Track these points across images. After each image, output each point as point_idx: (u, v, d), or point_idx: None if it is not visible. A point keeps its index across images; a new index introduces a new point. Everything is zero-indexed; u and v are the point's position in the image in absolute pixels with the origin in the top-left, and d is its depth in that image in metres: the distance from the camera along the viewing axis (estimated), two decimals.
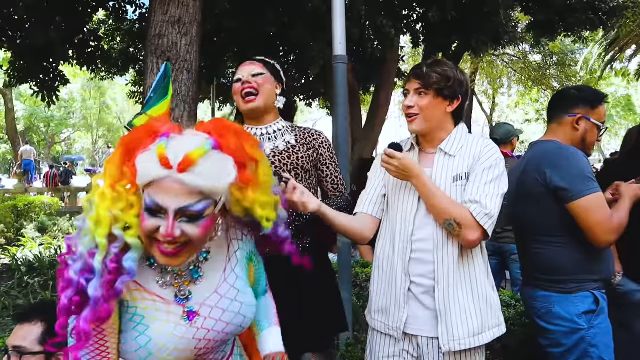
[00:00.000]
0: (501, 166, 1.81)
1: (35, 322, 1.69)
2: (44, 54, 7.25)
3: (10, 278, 6.43)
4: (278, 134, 2.16)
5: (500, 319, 1.89)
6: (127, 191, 1.16)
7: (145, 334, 1.21)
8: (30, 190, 14.43)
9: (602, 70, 18.38)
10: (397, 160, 1.79)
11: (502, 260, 4.43)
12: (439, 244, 1.81)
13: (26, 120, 29.48)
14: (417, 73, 1.87)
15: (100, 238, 1.13)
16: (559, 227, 2.12)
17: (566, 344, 2.09)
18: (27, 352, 1.63)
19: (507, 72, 19.98)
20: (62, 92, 9.12)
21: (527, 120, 24.63)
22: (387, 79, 9.32)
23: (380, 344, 1.93)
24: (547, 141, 2.26)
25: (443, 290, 1.79)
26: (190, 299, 1.27)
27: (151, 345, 1.21)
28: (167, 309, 1.24)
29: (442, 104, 1.85)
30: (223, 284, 1.32)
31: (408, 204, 1.88)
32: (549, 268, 2.16)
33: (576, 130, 2.21)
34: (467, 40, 8.08)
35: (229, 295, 1.31)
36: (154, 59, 3.96)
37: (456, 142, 1.88)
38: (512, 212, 2.39)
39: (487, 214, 1.73)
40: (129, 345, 1.22)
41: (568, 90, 2.37)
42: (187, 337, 1.24)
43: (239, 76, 2.13)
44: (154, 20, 4.02)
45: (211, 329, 1.27)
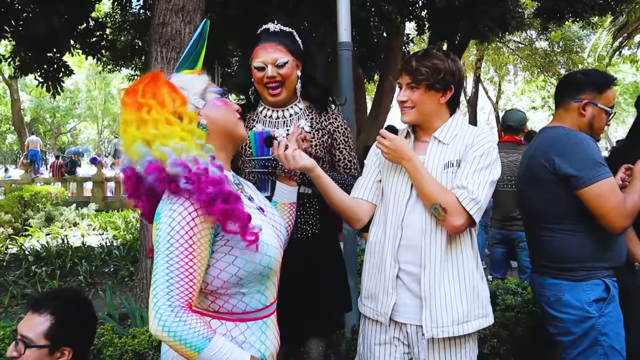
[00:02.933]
0: (494, 154, 1.80)
1: (44, 314, 1.70)
2: (47, 44, 7.22)
3: (18, 267, 6.50)
4: (294, 117, 2.12)
5: (488, 310, 1.88)
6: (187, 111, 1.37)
7: (263, 240, 1.36)
8: (37, 181, 14.51)
9: (610, 56, 18.16)
10: (389, 140, 1.82)
11: (510, 249, 4.42)
12: (427, 231, 1.80)
13: (32, 111, 29.56)
14: (406, 68, 1.86)
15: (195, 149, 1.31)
16: (569, 214, 2.10)
17: (576, 332, 2.07)
18: (33, 345, 1.66)
19: (513, 59, 19.79)
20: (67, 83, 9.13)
21: (533, 107, 24.46)
22: (393, 67, 9.24)
23: (371, 331, 1.94)
24: (555, 127, 2.22)
25: (429, 276, 1.78)
26: (252, 198, 1.53)
27: (270, 251, 1.38)
28: (256, 212, 1.46)
29: (435, 96, 1.86)
30: (254, 190, 1.62)
31: (401, 190, 1.89)
32: (559, 256, 2.13)
33: (583, 116, 2.18)
34: (474, 25, 7.98)
35: (261, 199, 1.60)
36: (158, 47, 3.93)
37: (450, 131, 1.88)
38: (520, 200, 2.37)
39: (473, 199, 1.72)
40: (255, 257, 1.34)
41: (575, 75, 2.31)
42: (279, 238, 1.48)
43: (260, 63, 2.02)
44: (158, 9, 3.99)
45: (276, 224, 1.52)
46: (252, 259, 1.34)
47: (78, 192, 14.46)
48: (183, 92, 1.41)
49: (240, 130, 1.51)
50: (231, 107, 1.50)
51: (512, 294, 3.21)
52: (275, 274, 1.47)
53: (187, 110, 1.37)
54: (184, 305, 1.24)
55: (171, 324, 1.21)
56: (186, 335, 1.21)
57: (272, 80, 2.01)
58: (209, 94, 1.47)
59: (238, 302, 1.38)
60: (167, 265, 1.24)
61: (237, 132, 1.50)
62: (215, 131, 1.44)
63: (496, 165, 1.80)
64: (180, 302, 1.23)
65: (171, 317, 1.21)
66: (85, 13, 7.71)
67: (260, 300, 1.42)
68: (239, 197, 1.31)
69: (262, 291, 1.43)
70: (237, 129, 1.50)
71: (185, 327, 1.21)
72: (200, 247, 1.27)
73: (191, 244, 1.25)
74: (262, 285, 1.42)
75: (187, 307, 1.25)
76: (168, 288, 1.23)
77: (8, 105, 24.69)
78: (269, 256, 1.37)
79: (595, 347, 2.04)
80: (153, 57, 3.96)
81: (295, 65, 2.06)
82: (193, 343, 1.21)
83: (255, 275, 1.37)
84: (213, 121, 1.44)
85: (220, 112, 1.46)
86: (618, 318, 2.08)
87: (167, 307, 1.22)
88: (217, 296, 1.38)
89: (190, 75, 1.50)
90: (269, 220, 1.49)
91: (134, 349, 2.60)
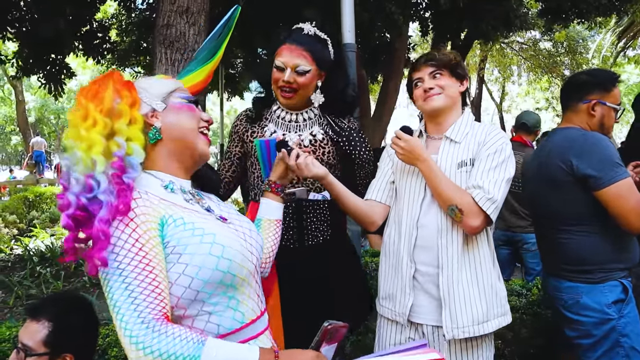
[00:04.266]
0: (507, 151, 1.80)
1: (42, 321, 1.66)
2: (50, 45, 7.25)
3: (23, 268, 6.52)
4: (308, 122, 2.07)
5: (506, 308, 1.88)
6: (130, 109, 1.24)
7: (217, 242, 1.19)
8: (42, 182, 14.55)
9: (614, 57, 18.10)
10: (404, 141, 1.82)
11: (514, 250, 4.41)
12: (443, 231, 1.80)
13: (37, 111, 29.69)
14: (428, 57, 1.93)
15: (96, 155, 1.14)
16: (586, 216, 2.08)
17: (597, 335, 2.05)
18: (33, 353, 1.63)
19: (517, 60, 19.74)
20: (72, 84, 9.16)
21: (537, 108, 24.39)
22: (396, 68, 9.24)
23: (387, 331, 1.94)
24: (569, 128, 2.20)
25: (447, 277, 1.78)
26: (213, 210, 1.35)
27: (228, 253, 1.19)
28: (211, 219, 1.29)
29: (456, 84, 1.92)
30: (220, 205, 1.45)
31: (415, 190, 1.89)
32: (576, 258, 2.11)
33: (593, 116, 2.17)
34: (477, 25, 7.96)
35: (232, 211, 1.43)
36: (162, 49, 3.94)
37: (462, 129, 1.89)
38: (532, 202, 2.34)
39: (489, 198, 1.72)
40: (208, 261, 1.16)
41: (579, 76, 2.30)
42: (244, 245, 1.29)
43: (281, 64, 1.94)
44: (162, 10, 4.00)
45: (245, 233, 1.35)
46: (206, 263, 1.15)
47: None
48: (142, 92, 1.31)
49: (199, 143, 1.34)
50: (194, 113, 1.35)
51: (517, 295, 3.20)
52: (246, 283, 1.27)
53: (130, 110, 1.24)
54: (159, 317, 1.07)
55: (151, 341, 1.03)
56: (173, 347, 1.03)
57: (287, 85, 1.96)
58: (173, 97, 1.35)
59: (206, 325, 1.18)
60: (122, 279, 1.08)
61: (194, 146, 1.33)
62: (169, 137, 1.31)
63: (511, 162, 1.80)
64: (154, 315, 1.07)
65: (148, 333, 1.04)
66: (88, 15, 7.74)
67: (234, 317, 1.22)
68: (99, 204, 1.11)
69: (233, 306, 1.22)
70: (196, 142, 1.34)
71: (169, 339, 1.04)
72: (151, 243, 1.13)
73: (140, 247, 1.11)
74: (232, 300, 1.22)
75: (164, 318, 1.08)
76: (133, 304, 1.06)
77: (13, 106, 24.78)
78: (227, 259, 1.18)
79: (616, 349, 2.02)
80: (157, 59, 3.97)
81: (317, 75, 1.99)
82: (185, 353, 1.04)
83: (216, 285, 1.17)
84: (168, 125, 1.31)
85: (180, 117, 1.32)
86: (636, 319, 2.07)
87: (139, 324, 1.04)
88: (179, 320, 1.17)
89: (158, 79, 1.40)
90: (230, 228, 1.32)
91: None
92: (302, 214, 2.00)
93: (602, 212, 2.01)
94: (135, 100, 1.27)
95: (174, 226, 1.17)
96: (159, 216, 1.17)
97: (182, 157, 1.34)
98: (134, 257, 1.10)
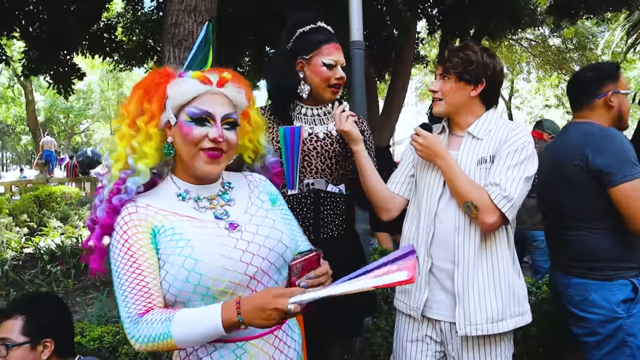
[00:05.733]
0: (529, 150, 1.77)
1: (16, 316, 1.80)
2: (57, 44, 7.27)
3: (34, 267, 6.58)
4: (329, 116, 2.10)
5: (525, 308, 1.86)
6: (146, 125, 1.33)
7: (192, 256, 1.24)
8: (51, 181, 14.68)
9: (624, 53, 17.94)
10: (423, 138, 1.84)
11: (522, 248, 4.39)
12: (460, 228, 1.80)
13: (46, 111, 29.94)
14: (440, 58, 1.91)
15: (115, 171, 1.31)
16: (599, 213, 2.05)
17: (603, 333, 2.03)
18: (14, 344, 1.76)
19: (526, 57, 19.62)
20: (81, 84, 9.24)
21: (546, 105, 24.25)
22: (404, 66, 9.22)
23: (404, 328, 1.94)
24: (585, 123, 2.18)
25: (462, 273, 1.78)
26: (228, 216, 1.38)
27: (200, 267, 1.23)
28: (209, 229, 1.32)
29: (465, 88, 1.86)
30: (251, 205, 1.45)
31: (433, 186, 1.89)
32: (587, 254, 2.09)
33: (611, 107, 2.17)
34: (485, 22, 7.92)
35: (259, 213, 1.43)
36: (171, 47, 3.96)
37: (485, 126, 1.87)
38: (544, 197, 2.32)
39: (505, 196, 1.70)
40: (180, 274, 1.24)
41: (584, 74, 2.28)
42: (234, 257, 1.28)
43: (333, 61, 1.96)
44: (170, 9, 4.01)
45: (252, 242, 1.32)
46: (178, 275, 1.23)
47: (92, 192, 14.61)
48: (167, 101, 1.35)
49: (196, 164, 1.34)
50: (190, 138, 1.32)
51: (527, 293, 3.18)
52: (228, 294, 1.27)
53: (146, 127, 1.32)
54: (142, 311, 1.24)
55: (135, 332, 1.22)
56: (149, 330, 1.20)
57: (341, 81, 1.99)
58: (183, 114, 1.33)
59: None
60: (118, 281, 1.27)
61: (193, 166, 1.35)
62: (177, 153, 1.37)
63: (532, 161, 1.77)
64: (138, 311, 1.24)
65: (133, 327, 1.23)
66: (96, 14, 7.77)
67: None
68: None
69: None
70: (193, 163, 1.34)
71: (146, 326, 1.21)
72: (142, 250, 1.27)
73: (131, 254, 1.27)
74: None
75: (146, 310, 1.25)
76: (124, 302, 1.25)
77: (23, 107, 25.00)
78: (198, 274, 1.22)
79: (622, 348, 2.00)
80: (166, 58, 3.99)
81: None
82: (158, 332, 1.19)
83: (190, 293, 1.24)
84: (175, 143, 1.36)
85: (179, 140, 1.34)
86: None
87: (128, 322, 1.24)
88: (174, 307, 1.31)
89: (189, 81, 1.36)
90: (230, 237, 1.31)
91: None
92: (320, 205, 2.00)
93: (615, 209, 1.99)
94: (153, 115, 1.35)
95: (164, 236, 1.29)
96: (151, 226, 1.30)
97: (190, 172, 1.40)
98: (125, 262, 1.27)
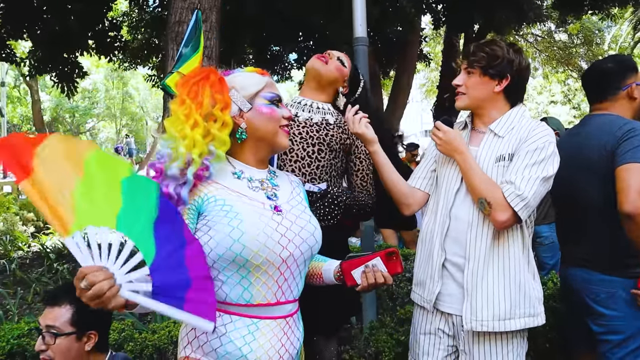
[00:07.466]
0: (549, 149, 1.74)
1: (64, 305, 1.81)
2: (63, 44, 7.31)
3: (41, 265, 6.61)
4: (320, 110, 2.12)
5: (538, 310, 1.82)
6: (222, 113, 1.41)
7: (239, 227, 1.33)
8: None
9: (632, 48, 17.80)
10: (443, 132, 1.86)
11: None
12: (474, 224, 1.80)
13: (52, 111, 30.03)
14: (466, 52, 1.92)
15: (195, 156, 1.36)
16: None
17: (627, 332, 2.00)
18: (62, 333, 1.77)
19: (532, 52, 19.50)
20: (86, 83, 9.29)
21: (552, 101, 24.11)
22: (409, 63, 9.19)
23: (419, 320, 1.96)
24: (606, 114, 2.17)
25: (472, 269, 1.78)
26: (277, 198, 1.50)
27: (245, 239, 1.32)
28: (256, 207, 1.41)
29: (490, 83, 1.86)
30: (292, 198, 1.55)
31: (451, 181, 1.90)
32: (614, 249, 2.03)
33: (634, 99, 2.16)
34: (490, 17, 7.87)
35: (299, 207, 1.54)
36: (174, 46, 3.97)
37: (507, 123, 1.86)
38: (559, 190, 2.18)
39: (519, 195, 1.69)
40: (225, 241, 1.32)
41: (604, 66, 2.24)
42: (274, 238, 1.38)
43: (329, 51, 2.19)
44: (174, 7, 4.03)
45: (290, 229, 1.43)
46: (223, 242, 1.32)
47: None
48: (232, 92, 1.47)
49: (280, 140, 1.52)
50: (275, 117, 1.50)
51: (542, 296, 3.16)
52: (262, 270, 1.37)
53: (223, 115, 1.41)
54: None
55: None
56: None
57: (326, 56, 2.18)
58: (259, 98, 1.50)
59: (218, 290, 1.36)
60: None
61: (275, 142, 1.52)
62: (253, 136, 1.49)
63: (552, 161, 1.75)
64: None
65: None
66: (100, 13, 7.80)
67: (242, 295, 1.37)
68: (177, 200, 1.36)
69: (244, 285, 1.37)
70: (276, 139, 1.51)
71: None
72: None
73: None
74: (244, 279, 1.36)
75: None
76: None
77: (29, 106, 25.12)
78: (241, 244, 1.32)
79: None
80: (170, 56, 4.00)
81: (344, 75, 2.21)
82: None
83: (229, 261, 1.33)
84: (252, 127, 1.48)
85: (262, 121, 1.48)
86: None
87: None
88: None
89: (249, 75, 1.54)
90: (274, 219, 1.42)
91: (154, 344, 2.63)
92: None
93: None
94: (227, 104, 1.43)
95: (215, 205, 1.37)
96: (202, 195, 1.39)
97: (260, 150, 1.53)
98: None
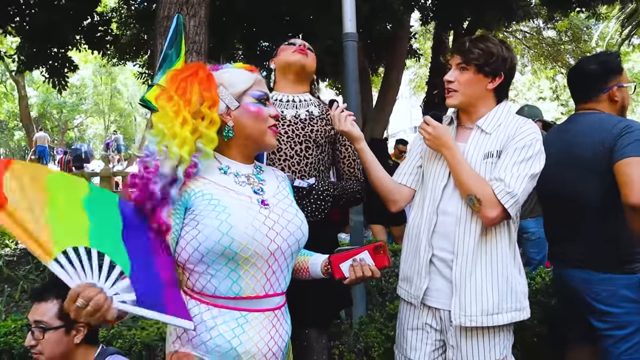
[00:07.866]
0: (536, 147, 1.76)
1: (51, 299, 1.81)
2: (51, 39, 7.24)
3: (28, 263, 6.54)
4: (303, 103, 2.13)
5: (524, 304, 1.86)
6: (210, 111, 1.41)
7: (227, 221, 1.34)
8: None
9: (619, 45, 17.94)
10: (433, 127, 1.85)
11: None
12: (462, 219, 1.81)
13: (39, 107, 29.68)
14: (459, 48, 1.88)
15: (185, 154, 1.36)
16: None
17: (632, 326, 2.02)
18: (50, 327, 1.77)
19: (520, 49, 19.59)
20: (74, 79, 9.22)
21: (540, 98, 24.25)
22: (398, 59, 9.20)
23: (406, 315, 1.97)
24: (595, 113, 2.18)
25: (460, 265, 1.79)
26: (264, 192, 1.50)
27: (233, 232, 1.34)
28: (244, 201, 1.42)
29: (483, 81, 1.86)
30: (279, 192, 1.56)
31: (439, 176, 1.90)
32: (614, 247, 2.04)
33: (615, 101, 2.18)
34: (479, 15, 7.89)
35: (285, 201, 1.55)
36: (163, 41, 3.92)
37: (494, 120, 1.87)
38: (552, 187, 2.23)
39: (508, 192, 1.71)
40: (213, 234, 1.33)
41: (588, 67, 2.24)
42: (262, 231, 1.39)
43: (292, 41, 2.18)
44: (163, 2, 4.00)
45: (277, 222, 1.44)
46: (212, 236, 1.33)
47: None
48: (220, 89, 1.47)
49: (267, 139, 1.53)
50: (262, 116, 1.50)
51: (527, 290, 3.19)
52: (250, 263, 1.38)
53: (210, 113, 1.41)
54: None
55: None
56: None
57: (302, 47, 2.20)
58: (247, 96, 1.50)
59: (207, 283, 1.38)
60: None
61: (263, 142, 1.53)
62: (240, 135, 1.50)
63: (538, 158, 1.77)
64: None
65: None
66: (90, 8, 7.72)
67: (231, 288, 1.38)
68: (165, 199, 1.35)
69: (233, 278, 1.37)
70: (263, 138, 1.52)
71: None
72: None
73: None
74: (233, 272, 1.37)
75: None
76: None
77: (15, 102, 24.82)
78: (230, 237, 1.33)
79: None
80: (158, 51, 3.97)
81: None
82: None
83: (217, 254, 1.34)
84: (240, 125, 1.49)
85: (249, 120, 1.49)
86: None
87: None
88: (189, 272, 1.41)
89: (238, 71, 1.54)
90: (261, 213, 1.43)
91: (143, 340, 2.62)
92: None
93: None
94: (215, 102, 1.43)
95: (202, 199, 1.38)
96: (189, 190, 1.39)
97: (246, 148, 1.54)
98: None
